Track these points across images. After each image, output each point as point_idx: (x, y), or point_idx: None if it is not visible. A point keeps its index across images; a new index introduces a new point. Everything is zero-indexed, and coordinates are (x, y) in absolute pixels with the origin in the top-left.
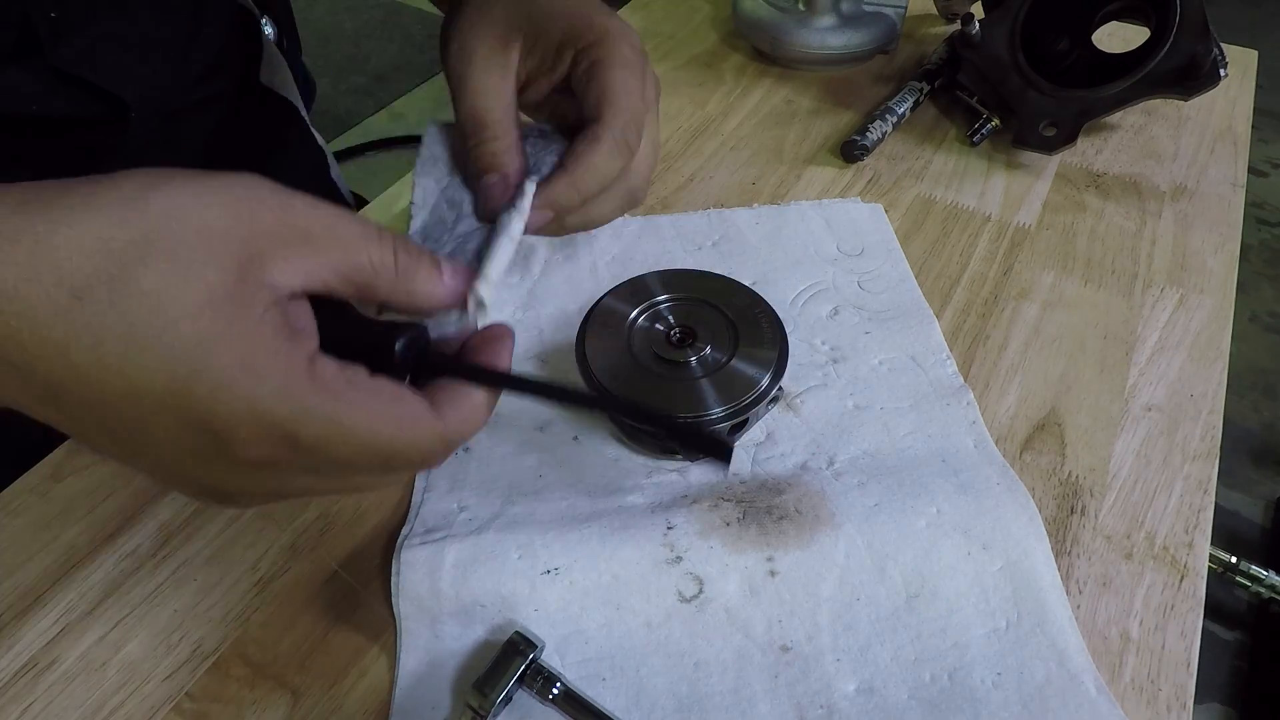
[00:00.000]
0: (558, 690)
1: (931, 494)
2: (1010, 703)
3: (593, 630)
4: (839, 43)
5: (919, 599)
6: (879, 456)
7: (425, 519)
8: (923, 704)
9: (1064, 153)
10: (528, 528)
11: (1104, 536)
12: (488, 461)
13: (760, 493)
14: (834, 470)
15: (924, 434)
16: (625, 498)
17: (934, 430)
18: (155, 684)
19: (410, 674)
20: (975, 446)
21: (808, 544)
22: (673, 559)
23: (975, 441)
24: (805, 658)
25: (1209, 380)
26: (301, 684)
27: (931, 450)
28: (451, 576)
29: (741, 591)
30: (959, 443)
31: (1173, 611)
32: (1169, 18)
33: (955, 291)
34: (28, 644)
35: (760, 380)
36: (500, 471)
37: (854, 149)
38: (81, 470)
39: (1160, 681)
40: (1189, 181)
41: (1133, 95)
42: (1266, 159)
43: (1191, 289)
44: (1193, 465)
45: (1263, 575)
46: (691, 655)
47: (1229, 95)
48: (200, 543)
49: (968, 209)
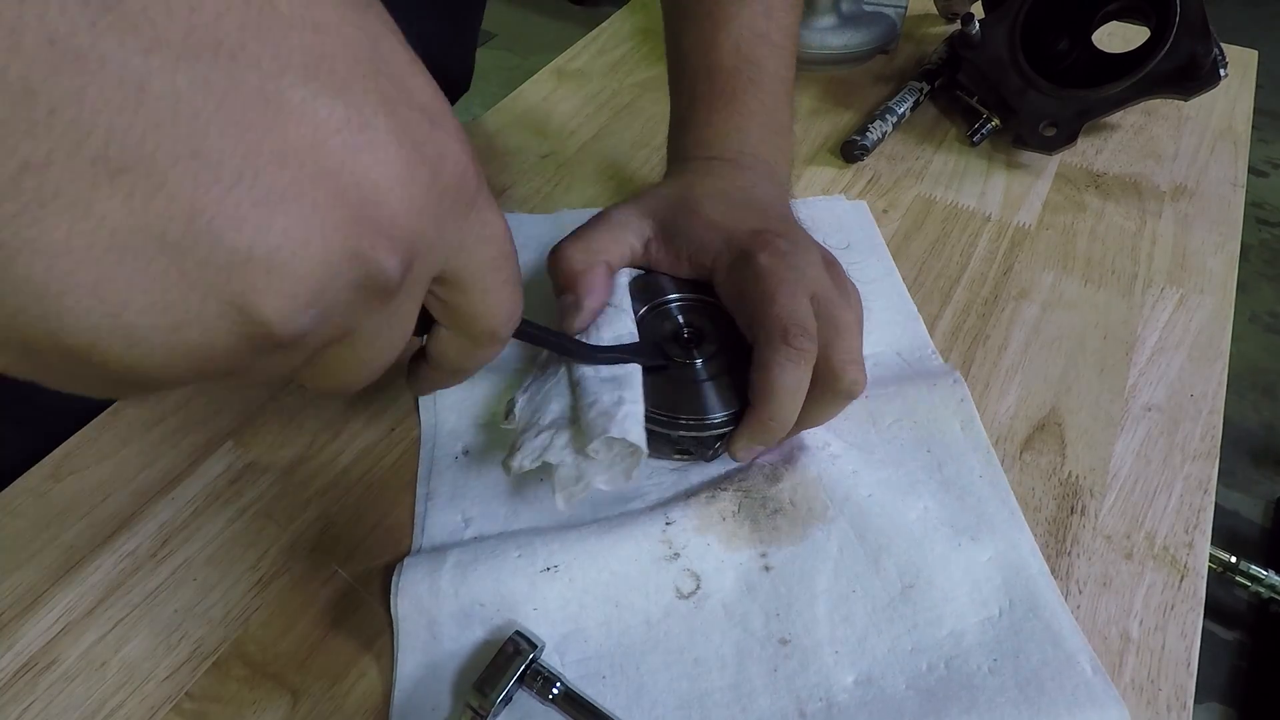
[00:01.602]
0: (558, 690)
1: (918, 492)
2: (1007, 687)
3: (592, 628)
4: (839, 43)
5: (914, 589)
6: (868, 448)
7: (431, 533)
8: (921, 693)
9: (1064, 153)
10: (528, 529)
11: (1104, 536)
12: (489, 469)
13: (756, 480)
14: (830, 453)
15: (910, 420)
16: (627, 503)
17: (921, 415)
18: (155, 684)
19: (410, 675)
20: (962, 429)
21: (801, 538)
22: (670, 555)
23: (963, 423)
24: (804, 650)
25: (1209, 380)
26: (301, 684)
27: (917, 439)
28: (451, 575)
29: (738, 587)
30: (947, 426)
31: (1173, 611)
32: (1169, 18)
33: (955, 291)
34: (28, 644)
35: None
36: (501, 476)
37: (854, 149)
38: (81, 470)
39: (1160, 681)
40: (1189, 181)
41: (1133, 95)
42: (1266, 159)
43: (1191, 289)
44: (1193, 465)
45: (1263, 575)
46: (690, 651)
47: (1229, 95)
48: (200, 543)
49: (968, 209)
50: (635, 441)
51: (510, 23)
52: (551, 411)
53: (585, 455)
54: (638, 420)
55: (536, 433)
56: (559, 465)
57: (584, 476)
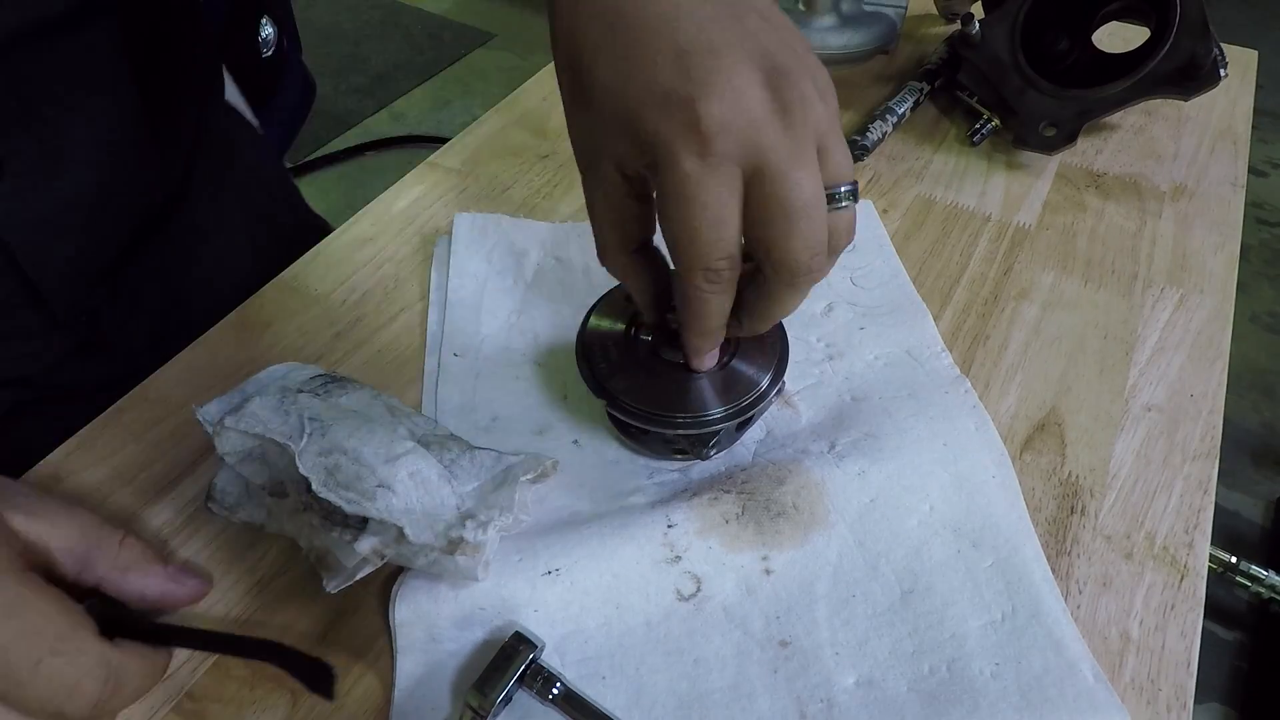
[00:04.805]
0: (558, 690)
1: (927, 488)
2: (1009, 692)
3: (592, 629)
4: (839, 43)
5: (913, 594)
6: (880, 438)
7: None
8: (922, 696)
9: (1064, 153)
10: (529, 530)
11: (1104, 536)
12: None
13: (761, 482)
14: (836, 454)
15: (925, 416)
16: (627, 499)
17: (935, 413)
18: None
19: (410, 675)
20: (976, 429)
21: (802, 543)
22: (672, 558)
23: (976, 425)
24: (804, 652)
25: (1209, 380)
26: (301, 684)
27: (933, 432)
28: (452, 578)
29: (738, 590)
30: (960, 425)
31: (1173, 611)
32: (1169, 18)
33: (955, 291)
34: None
35: (760, 380)
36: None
37: (854, 149)
38: (81, 470)
39: (1160, 681)
40: (1189, 181)
41: (1133, 95)
42: (1266, 159)
43: (1191, 289)
44: (1193, 465)
45: (1263, 575)
46: (691, 652)
47: (1229, 95)
48: (200, 543)
49: (968, 209)
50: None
51: (510, 23)
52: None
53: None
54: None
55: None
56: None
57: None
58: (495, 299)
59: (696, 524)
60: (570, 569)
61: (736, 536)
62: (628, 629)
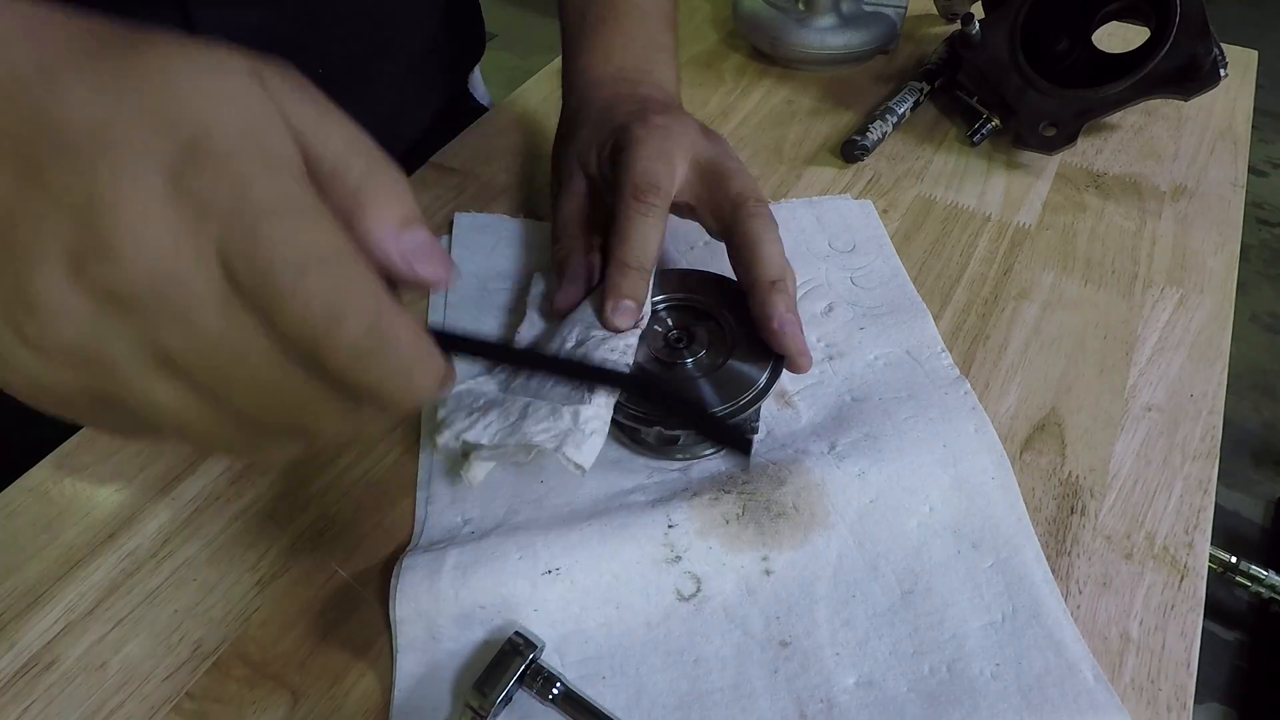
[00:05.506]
0: (558, 690)
1: (927, 490)
2: (1009, 693)
3: (593, 629)
4: (839, 43)
5: (913, 595)
6: (881, 439)
7: (430, 534)
8: (922, 696)
9: (1064, 153)
10: (529, 529)
11: (1104, 536)
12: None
13: (761, 483)
14: (836, 454)
15: (925, 418)
16: (627, 498)
17: (935, 414)
18: (155, 684)
19: (410, 674)
20: (976, 431)
21: (802, 543)
22: (672, 558)
23: (976, 427)
24: (804, 652)
25: (1209, 380)
26: (301, 684)
27: (933, 433)
28: (451, 578)
29: (738, 590)
30: (960, 426)
31: (1173, 611)
32: (1169, 18)
33: (955, 291)
34: (28, 644)
35: (758, 379)
36: (502, 478)
37: (854, 149)
38: (81, 470)
39: (1160, 681)
40: (1189, 181)
41: (1133, 95)
42: (1266, 159)
43: (1191, 289)
44: (1193, 465)
45: (1263, 575)
46: (691, 652)
47: (1229, 95)
48: (200, 543)
49: (968, 209)
50: (583, 465)
51: (510, 23)
52: (486, 394)
53: (510, 446)
54: (593, 451)
55: (467, 413)
56: (478, 445)
57: (493, 461)
58: (495, 298)
59: (697, 524)
60: (570, 568)
61: (737, 537)
62: (628, 629)
